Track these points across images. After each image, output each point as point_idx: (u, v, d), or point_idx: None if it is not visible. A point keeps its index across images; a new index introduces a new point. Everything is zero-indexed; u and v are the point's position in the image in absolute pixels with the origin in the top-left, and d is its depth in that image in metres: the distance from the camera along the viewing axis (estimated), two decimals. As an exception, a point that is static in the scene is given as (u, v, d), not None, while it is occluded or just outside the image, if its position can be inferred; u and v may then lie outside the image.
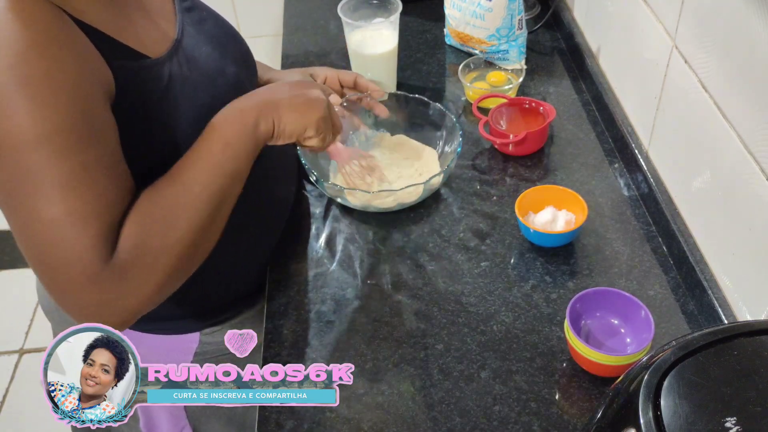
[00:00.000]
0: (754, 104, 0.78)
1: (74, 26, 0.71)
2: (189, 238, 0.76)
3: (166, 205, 0.75)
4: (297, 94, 0.86)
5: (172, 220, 0.75)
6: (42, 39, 0.67)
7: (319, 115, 0.86)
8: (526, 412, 0.82)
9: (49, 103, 0.67)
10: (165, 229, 0.74)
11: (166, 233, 0.74)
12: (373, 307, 0.95)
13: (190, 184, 0.77)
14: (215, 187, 0.78)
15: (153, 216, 0.74)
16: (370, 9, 1.30)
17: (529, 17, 1.45)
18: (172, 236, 0.74)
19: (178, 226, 0.75)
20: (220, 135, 0.79)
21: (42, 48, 0.67)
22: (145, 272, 0.72)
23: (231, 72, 0.89)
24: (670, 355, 0.53)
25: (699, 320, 0.90)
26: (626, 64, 1.17)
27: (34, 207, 0.68)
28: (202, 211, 0.77)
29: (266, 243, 1.02)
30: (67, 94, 0.68)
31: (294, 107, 0.84)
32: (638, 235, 1.02)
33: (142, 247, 0.72)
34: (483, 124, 1.16)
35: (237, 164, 0.80)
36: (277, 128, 0.83)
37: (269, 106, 0.82)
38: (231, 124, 0.80)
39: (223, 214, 0.80)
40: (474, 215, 1.07)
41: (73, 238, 0.68)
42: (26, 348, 2.10)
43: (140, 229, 0.72)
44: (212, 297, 0.98)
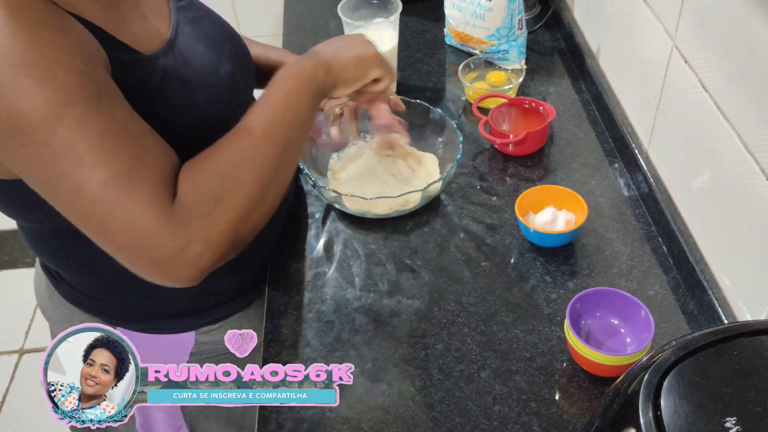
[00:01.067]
0: (754, 104, 0.78)
1: (65, 13, 0.71)
2: (254, 181, 0.75)
3: (227, 150, 0.75)
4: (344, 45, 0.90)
5: (235, 163, 0.74)
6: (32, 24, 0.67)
7: (377, 54, 0.90)
8: (526, 412, 0.82)
9: (52, 81, 0.66)
10: (230, 172, 0.74)
11: (232, 175, 0.74)
12: (373, 307, 0.95)
13: (250, 129, 0.77)
14: (277, 133, 0.78)
15: (214, 160, 0.74)
16: (370, 9, 1.30)
17: (529, 17, 1.46)
18: (238, 178, 0.74)
19: (243, 168, 0.75)
20: (280, 87, 0.82)
21: (33, 32, 0.67)
22: (215, 212, 0.71)
23: (226, 72, 0.89)
24: (670, 355, 0.53)
25: (699, 320, 0.90)
26: (626, 64, 1.17)
27: (78, 179, 0.67)
28: (266, 157, 0.77)
29: (265, 241, 1.02)
30: (68, 69, 0.67)
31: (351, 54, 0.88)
32: (638, 235, 1.02)
33: (206, 191, 0.72)
34: (483, 124, 1.16)
35: (297, 112, 0.81)
36: (339, 76, 0.86)
37: (327, 58, 0.86)
38: (290, 78, 0.83)
39: (288, 161, 0.81)
40: (474, 215, 1.07)
41: (128, 195, 0.67)
42: (26, 348, 2.10)
43: (202, 175, 0.72)
44: (209, 294, 0.97)
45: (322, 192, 1.04)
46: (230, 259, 0.76)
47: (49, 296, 1.00)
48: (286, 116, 0.80)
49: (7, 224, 0.73)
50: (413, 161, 1.14)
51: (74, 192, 0.68)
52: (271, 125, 0.78)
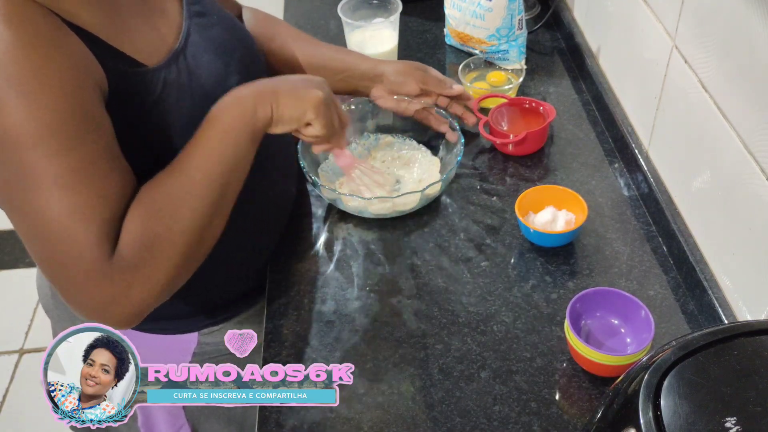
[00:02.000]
0: (754, 104, 0.78)
1: (65, 27, 0.71)
2: (193, 228, 0.75)
3: (167, 195, 0.75)
4: (297, 80, 0.86)
5: (175, 210, 0.74)
6: (30, 38, 0.67)
7: (319, 98, 0.83)
8: (526, 412, 0.82)
9: (40, 101, 0.67)
10: (168, 220, 0.74)
11: (170, 224, 0.74)
12: (373, 307, 0.95)
13: (191, 173, 0.76)
14: (216, 175, 0.77)
15: (155, 207, 0.74)
16: (370, 9, 1.30)
17: (529, 17, 1.46)
18: (175, 227, 0.74)
19: (181, 216, 0.75)
20: (218, 122, 0.79)
21: (30, 47, 0.67)
22: (151, 265, 0.72)
23: (233, 83, 0.87)
24: (670, 355, 0.53)
25: (699, 320, 0.90)
26: (626, 64, 1.17)
27: (36, 205, 0.68)
28: (205, 199, 0.76)
29: (267, 242, 1.02)
30: (59, 91, 0.68)
31: (292, 92, 0.83)
32: (638, 235, 1.02)
33: (145, 240, 0.72)
34: (483, 124, 1.16)
35: (237, 151, 0.79)
36: (275, 113, 0.81)
37: (267, 92, 0.82)
38: (228, 111, 0.80)
39: (226, 203, 0.80)
40: (474, 215, 1.07)
41: (77, 234, 0.68)
42: (26, 348, 2.10)
43: (142, 222, 0.72)
44: (212, 295, 0.98)
45: (321, 190, 1.04)
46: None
47: (52, 294, 1.00)
48: (226, 157, 0.78)
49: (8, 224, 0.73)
50: (414, 162, 1.14)
51: (32, 214, 0.69)
52: (209, 168, 0.77)
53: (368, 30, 1.26)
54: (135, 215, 0.72)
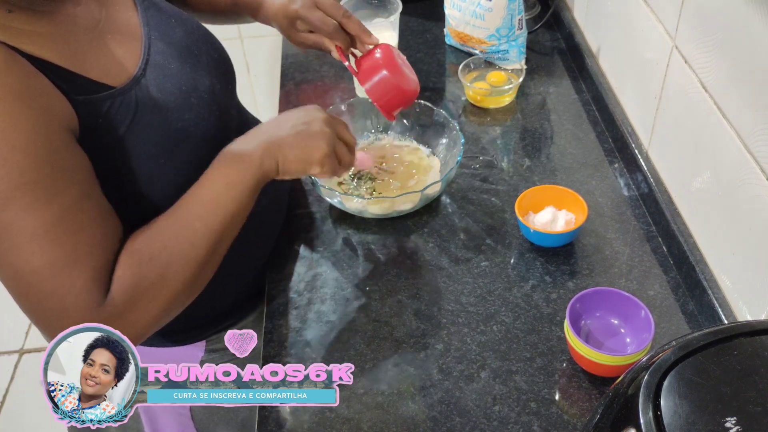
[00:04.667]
0: (754, 104, 0.78)
1: (28, 67, 0.69)
2: (187, 275, 0.75)
3: (163, 242, 0.74)
4: (300, 130, 0.84)
5: (170, 257, 0.74)
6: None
7: (323, 152, 0.84)
8: (526, 412, 0.82)
9: (7, 160, 0.65)
10: (162, 268, 0.73)
11: (164, 272, 0.73)
12: (373, 307, 0.95)
13: (190, 221, 0.76)
14: (216, 225, 0.77)
15: (149, 254, 0.73)
16: (370, 9, 1.30)
17: (529, 17, 1.46)
18: (169, 274, 0.74)
19: (176, 264, 0.74)
20: (223, 174, 0.79)
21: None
22: (142, 310, 0.72)
23: (205, 86, 0.86)
24: (670, 355, 0.53)
25: (699, 320, 0.90)
26: (626, 64, 1.17)
27: (15, 262, 0.67)
28: (202, 248, 0.76)
29: (263, 247, 1.01)
30: (27, 148, 0.66)
31: (297, 145, 0.83)
32: (638, 235, 1.02)
33: (138, 288, 0.71)
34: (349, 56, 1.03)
35: (239, 203, 0.79)
36: (281, 167, 0.82)
37: (272, 145, 0.81)
38: (234, 163, 0.79)
39: (221, 252, 0.79)
40: (474, 215, 1.07)
41: (62, 286, 0.68)
42: (26, 348, 2.10)
43: (135, 268, 0.72)
44: (210, 305, 0.97)
45: (321, 192, 1.04)
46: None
47: None
48: (228, 209, 0.78)
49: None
50: (415, 162, 1.14)
51: (10, 274, 0.68)
52: (210, 219, 0.77)
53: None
54: (128, 263, 0.72)
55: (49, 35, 0.73)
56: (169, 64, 0.84)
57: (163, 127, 0.80)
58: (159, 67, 0.82)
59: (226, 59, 0.96)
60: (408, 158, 1.14)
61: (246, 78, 2.20)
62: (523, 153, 1.19)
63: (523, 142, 1.21)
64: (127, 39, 0.82)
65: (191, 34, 0.90)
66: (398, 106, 1.01)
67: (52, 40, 0.73)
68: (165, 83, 0.82)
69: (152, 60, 0.82)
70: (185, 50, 0.87)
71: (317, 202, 1.11)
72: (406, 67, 1.03)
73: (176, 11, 0.92)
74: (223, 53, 0.96)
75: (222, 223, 0.77)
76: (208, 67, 0.89)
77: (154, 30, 0.85)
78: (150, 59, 0.82)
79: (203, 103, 0.85)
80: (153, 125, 0.79)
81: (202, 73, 0.87)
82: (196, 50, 0.89)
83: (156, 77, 0.81)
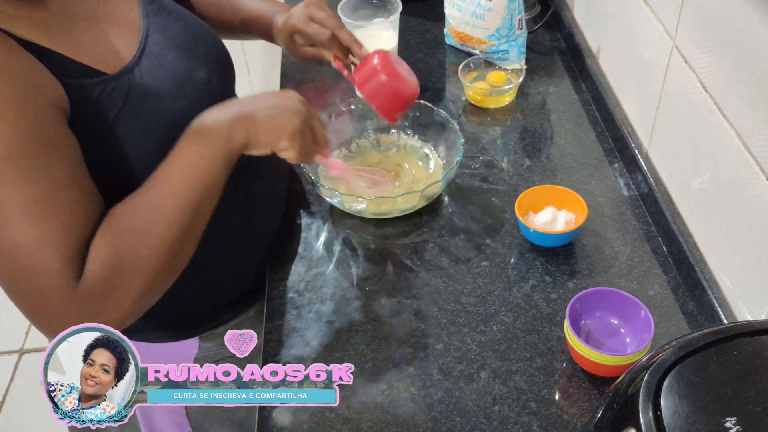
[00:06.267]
0: (754, 104, 0.78)
1: (18, 48, 0.70)
2: (163, 252, 0.74)
3: (137, 219, 0.74)
4: (273, 104, 0.83)
5: (144, 234, 0.73)
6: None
7: (295, 127, 0.82)
8: (526, 412, 0.82)
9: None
10: (136, 245, 0.73)
11: (138, 249, 0.73)
12: (373, 307, 0.95)
13: (162, 197, 0.75)
14: (189, 200, 0.76)
15: (124, 232, 0.73)
16: (370, 9, 1.30)
17: (529, 17, 1.46)
18: (144, 251, 0.73)
19: (150, 240, 0.74)
20: (193, 147, 0.78)
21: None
22: (117, 291, 0.71)
23: (200, 78, 0.86)
24: (670, 355, 0.53)
25: (699, 320, 0.90)
26: (626, 64, 1.17)
27: (2, 233, 0.67)
28: (176, 224, 0.75)
29: (260, 243, 1.01)
30: (16, 123, 0.67)
31: (268, 118, 0.81)
32: (638, 235, 1.02)
33: (112, 267, 0.71)
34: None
35: (211, 175, 0.78)
36: (251, 138, 0.80)
37: (243, 117, 0.80)
38: (204, 135, 0.78)
39: (198, 226, 0.79)
40: (474, 215, 1.07)
41: (43, 262, 0.68)
42: (26, 348, 2.10)
43: (109, 248, 0.71)
44: (207, 300, 0.97)
45: (321, 192, 1.04)
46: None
47: None
48: (199, 182, 0.77)
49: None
50: (415, 162, 1.14)
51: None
52: (181, 194, 0.76)
53: (368, 30, 1.26)
54: (102, 241, 0.71)
55: (42, 20, 0.74)
56: (165, 55, 0.84)
57: (154, 115, 0.80)
58: (154, 57, 0.83)
59: (225, 56, 0.97)
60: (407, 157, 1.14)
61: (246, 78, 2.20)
62: (523, 153, 1.19)
63: (523, 142, 1.21)
64: (125, 30, 0.83)
65: (191, 29, 0.91)
66: (399, 109, 1.02)
67: (45, 26, 0.74)
68: (159, 71, 0.82)
69: (148, 50, 0.83)
70: (183, 43, 0.88)
71: (317, 202, 1.11)
72: (405, 69, 1.04)
73: (179, 8, 0.93)
74: (224, 50, 0.97)
75: (195, 197, 0.76)
76: (206, 60, 0.89)
77: (154, 23, 0.86)
78: (146, 49, 0.83)
79: (197, 93, 0.85)
80: (143, 112, 0.79)
81: (199, 66, 0.88)
82: (194, 44, 0.89)
83: (150, 66, 0.81)
